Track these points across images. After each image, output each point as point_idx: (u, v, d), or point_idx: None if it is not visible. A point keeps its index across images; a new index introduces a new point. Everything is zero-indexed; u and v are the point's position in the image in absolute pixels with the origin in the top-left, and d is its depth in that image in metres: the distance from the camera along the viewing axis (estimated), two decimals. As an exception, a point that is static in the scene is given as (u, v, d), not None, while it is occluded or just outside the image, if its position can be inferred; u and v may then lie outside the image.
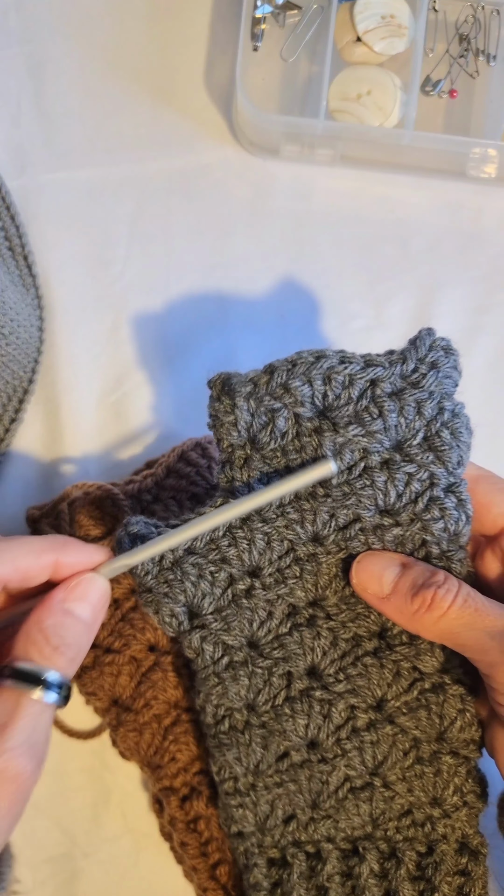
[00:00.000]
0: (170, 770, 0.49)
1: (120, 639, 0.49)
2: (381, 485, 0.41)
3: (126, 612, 0.49)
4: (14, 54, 0.62)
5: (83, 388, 0.57)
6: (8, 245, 0.58)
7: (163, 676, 0.49)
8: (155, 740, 0.49)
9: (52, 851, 0.52)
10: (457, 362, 0.43)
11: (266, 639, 0.43)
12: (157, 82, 0.62)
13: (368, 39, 0.59)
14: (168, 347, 0.59)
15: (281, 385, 0.41)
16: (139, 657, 0.49)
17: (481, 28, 0.62)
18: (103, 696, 0.49)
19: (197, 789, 0.48)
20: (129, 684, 0.49)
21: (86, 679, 0.49)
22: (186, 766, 0.49)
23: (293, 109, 0.62)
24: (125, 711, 0.49)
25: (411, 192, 0.61)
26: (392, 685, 0.43)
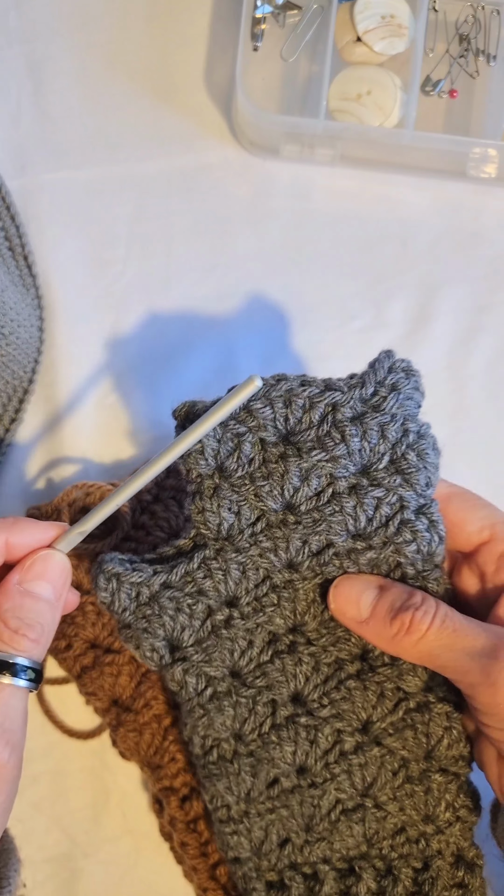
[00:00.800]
0: (170, 770, 0.49)
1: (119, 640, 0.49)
2: (351, 510, 0.41)
3: None
4: (14, 54, 0.62)
5: (83, 387, 0.57)
6: (8, 245, 0.58)
7: (161, 678, 0.48)
8: (155, 740, 0.49)
9: (52, 851, 0.52)
10: (418, 383, 0.42)
11: (248, 668, 0.43)
12: (157, 82, 0.62)
13: (368, 39, 0.59)
14: (168, 347, 0.59)
15: (244, 408, 0.41)
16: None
17: (481, 28, 0.62)
18: (103, 697, 0.49)
19: (197, 789, 0.48)
20: (129, 684, 0.49)
21: (86, 679, 0.49)
22: (186, 766, 0.49)
23: (293, 109, 0.62)
24: (125, 711, 0.49)
25: (411, 191, 0.61)
26: (377, 707, 0.43)
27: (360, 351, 0.59)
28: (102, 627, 0.49)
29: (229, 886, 0.48)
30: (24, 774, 0.53)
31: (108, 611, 0.42)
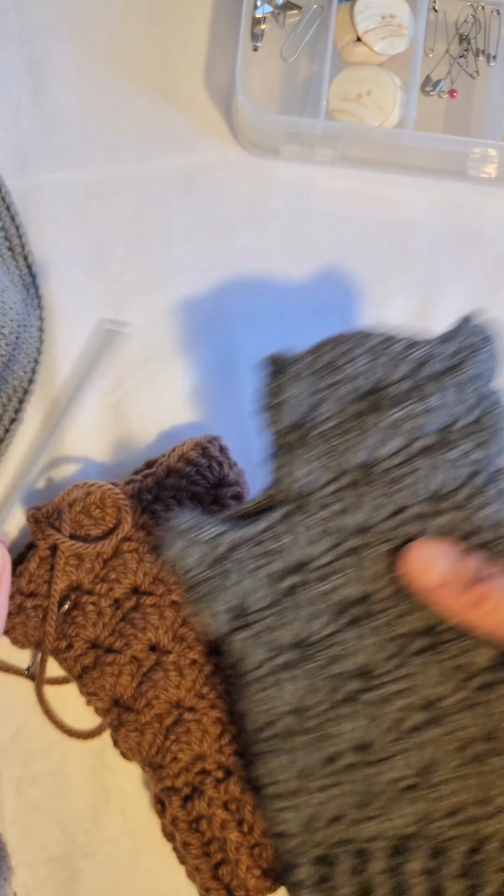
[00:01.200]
0: (171, 770, 0.49)
1: (121, 638, 0.49)
2: (425, 472, 0.39)
3: (127, 612, 0.50)
4: (14, 54, 0.62)
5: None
6: (8, 245, 0.58)
7: (164, 676, 0.49)
8: (157, 740, 0.49)
9: (51, 852, 0.52)
10: (494, 350, 0.42)
11: (312, 639, 0.42)
12: (157, 82, 0.62)
13: (368, 39, 0.59)
14: (168, 347, 0.59)
15: (327, 364, 0.40)
16: (140, 657, 0.49)
17: (481, 28, 0.62)
18: (104, 697, 0.49)
19: (199, 789, 0.48)
20: (131, 684, 0.49)
21: (86, 679, 0.49)
22: (188, 765, 0.49)
23: (293, 109, 0.62)
24: (126, 711, 0.49)
25: (411, 191, 0.61)
26: (443, 684, 0.42)
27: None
28: (103, 627, 0.49)
29: (232, 886, 0.48)
30: (23, 774, 0.53)
31: (173, 571, 0.41)
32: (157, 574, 0.50)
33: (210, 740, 0.49)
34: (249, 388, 0.58)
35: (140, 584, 0.50)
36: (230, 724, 0.49)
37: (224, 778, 0.49)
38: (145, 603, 0.49)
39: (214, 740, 0.49)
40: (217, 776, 0.49)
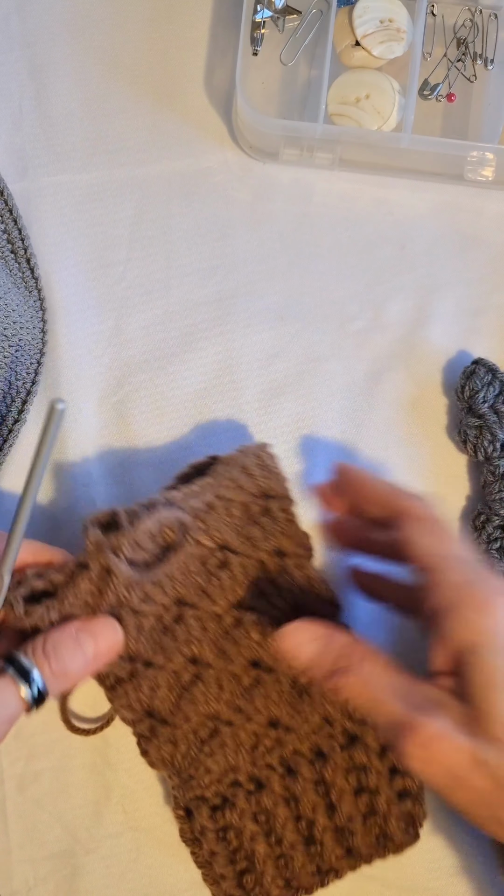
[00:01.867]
0: (203, 780, 0.48)
1: (162, 652, 0.47)
2: None
3: (168, 624, 0.47)
4: (15, 58, 0.62)
5: (85, 389, 0.58)
6: (10, 248, 0.59)
7: (204, 690, 0.48)
8: (191, 752, 0.48)
9: (53, 848, 0.53)
10: None
11: None
12: (157, 86, 0.62)
13: (367, 43, 0.59)
14: (169, 348, 0.59)
15: None
16: (180, 670, 0.48)
17: (479, 32, 0.62)
18: (138, 709, 0.48)
19: (229, 800, 0.49)
20: (169, 697, 0.47)
21: (119, 691, 0.47)
22: (220, 777, 0.49)
23: (292, 113, 0.62)
24: (161, 724, 0.48)
25: (409, 195, 0.62)
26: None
27: (358, 352, 0.60)
28: (143, 642, 0.47)
29: (255, 893, 0.49)
30: (25, 771, 0.54)
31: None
32: (202, 585, 0.48)
33: (244, 752, 0.49)
34: (249, 389, 0.59)
35: (184, 596, 0.47)
36: (265, 737, 0.49)
37: (255, 790, 0.49)
38: (188, 615, 0.47)
39: (248, 752, 0.49)
40: (248, 788, 0.49)
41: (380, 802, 0.49)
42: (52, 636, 0.43)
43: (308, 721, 0.49)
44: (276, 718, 0.49)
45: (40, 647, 0.43)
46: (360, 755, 0.49)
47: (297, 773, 0.49)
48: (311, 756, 0.50)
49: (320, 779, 0.49)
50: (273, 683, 0.49)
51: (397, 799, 0.49)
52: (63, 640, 0.43)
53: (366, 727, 0.49)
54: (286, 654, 0.44)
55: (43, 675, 0.42)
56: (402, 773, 0.49)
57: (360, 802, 0.49)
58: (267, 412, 0.58)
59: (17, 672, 0.42)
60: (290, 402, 0.59)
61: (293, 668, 0.45)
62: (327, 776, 0.49)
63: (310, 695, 0.49)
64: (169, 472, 0.57)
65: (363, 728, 0.49)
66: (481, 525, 0.55)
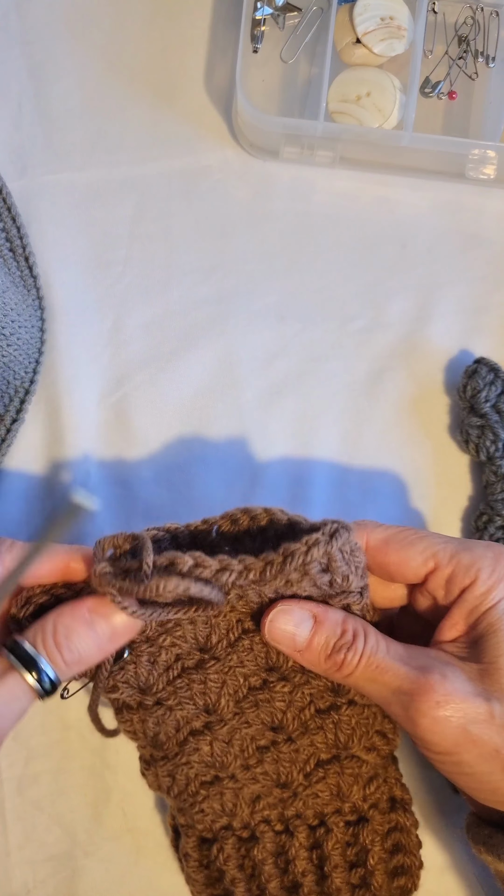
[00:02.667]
0: (195, 816, 0.48)
1: (174, 696, 0.46)
2: None
3: (187, 668, 0.46)
4: (15, 56, 0.62)
5: (84, 388, 0.58)
6: (9, 246, 0.59)
7: (210, 743, 0.46)
8: (189, 788, 0.47)
9: (52, 850, 0.53)
10: None
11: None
12: (157, 84, 0.62)
13: (368, 41, 0.59)
14: (168, 348, 0.59)
15: None
16: (190, 717, 0.46)
17: (480, 30, 0.62)
18: (142, 738, 0.47)
19: (218, 840, 0.48)
20: (175, 736, 0.46)
21: (125, 717, 0.46)
22: (214, 819, 0.48)
23: (293, 111, 0.62)
24: (162, 759, 0.47)
25: (410, 193, 0.61)
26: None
27: (359, 352, 0.59)
28: (158, 678, 0.45)
29: None
30: (24, 773, 0.54)
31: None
32: (232, 642, 0.46)
33: (243, 805, 0.48)
34: (249, 389, 0.58)
35: (210, 648, 0.46)
36: (269, 796, 0.48)
37: (248, 839, 0.48)
38: (210, 667, 0.46)
39: (248, 805, 0.48)
40: (241, 835, 0.48)
41: (375, 881, 0.47)
42: (62, 620, 0.40)
43: (318, 795, 0.48)
44: (286, 783, 0.48)
45: (50, 634, 0.40)
46: (366, 837, 0.48)
47: (293, 836, 0.48)
48: (314, 822, 0.48)
49: (317, 846, 0.48)
50: (290, 752, 0.47)
51: (393, 877, 0.48)
52: (74, 625, 0.40)
53: (377, 810, 0.48)
54: (278, 643, 0.43)
55: (55, 664, 0.40)
56: (405, 853, 0.48)
57: (353, 876, 0.48)
58: (267, 412, 0.58)
59: (23, 662, 0.39)
60: (290, 402, 0.58)
61: (286, 650, 0.44)
62: (326, 849, 0.48)
63: (327, 771, 0.47)
64: (169, 471, 0.57)
65: (374, 811, 0.48)
66: (483, 525, 0.55)
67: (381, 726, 0.47)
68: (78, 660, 0.40)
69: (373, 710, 0.47)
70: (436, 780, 0.53)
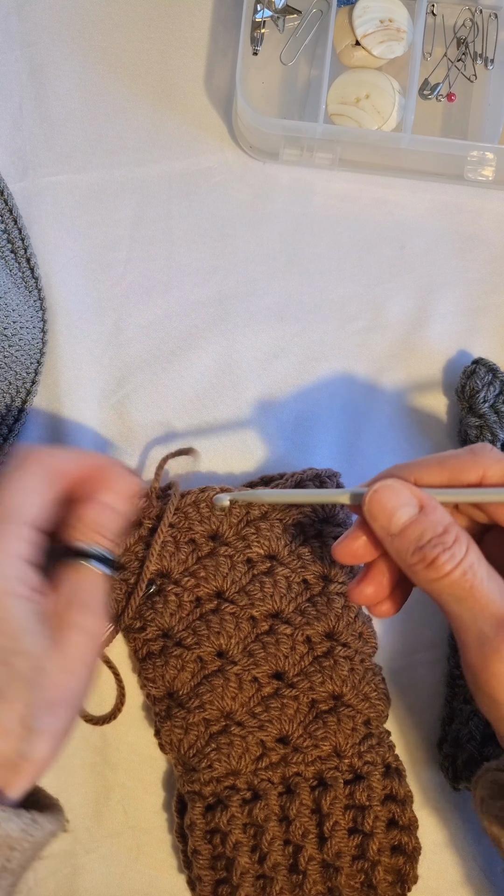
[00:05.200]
0: (203, 776, 0.49)
1: (193, 636, 0.50)
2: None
3: (206, 612, 0.50)
4: (16, 58, 0.62)
5: (85, 388, 0.58)
6: (11, 247, 0.59)
7: (224, 684, 0.49)
8: (198, 742, 0.49)
9: (53, 847, 0.52)
10: None
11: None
12: (157, 86, 0.62)
13: (367, 43, 0.60)
14: (169, 348, 0.59)
15: None
16: (206, 658, 0.50)
17: (479, 32, 0.62)
18: (161, 686, 0.50)
19: (223, 802, 0.49)
20: (190, 681, 0.50)
21: (148, 664, 0.50)
22: (220, 777, 0.49)
23: (292, 113, 0.62)
24: (178, 707, 0.50)
25: (409, 194, 0.62)
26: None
27: (358, 352, 0.60)
28: (179, 620, 0.50)
29: None
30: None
31: None
32: (244, 586, 0.51)
33: (248, 759, 0.49)
34: (249, 389, 0.59)
35: (225, 591, 0.51)
36: (271, 751, 0.49)
37: (251, 800, 0.49)
38: (225, 609, 0.50)
39: (252, 761, 0.49)
40: (244, 796, 0.49)
41: (371, 848, 0.48)
42: (88, 514, 0.43)
43: (318, 747, 0.49)
44: (287, 735, 0.49)
45: (88, 525, 0.42)
46: (362, 795, 0.49)
47: (295, 795, 0.49)
48: (313, 782, 0.49)
49: (317, 807, 0.49)
50: (291, 700, 0.49)
51: (390, 851, 0.49)
52: (96, 511, 0.43)
53: (374, 768, 0.49)
54: (374, 519, 0.40)
55: (102, 545, 0.42)
56: (401, 829, 0.49)
57: (351, 842, 0.49)
58: (267, 412, 0.58)
59: (81, 557, 0.42)
60: (290, 402, 0.59)
61: (379, 529, 0.41)
62: (324, 806, 0.49)
63: (325, 722, 0.49)
64: (169, 471, 0.57)
65: (371, 768, 0.49)
66: (481, 525, 0.55)
67: (373, 681, 0.50)
68: (112, 533, 0.43)
69: (365, 660, 0.51)
70: (433, 778, 0.53)
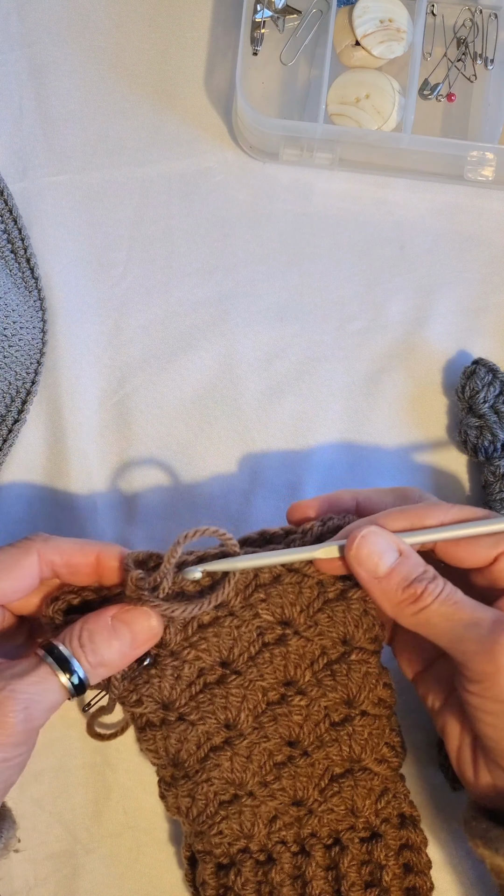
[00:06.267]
0: (213, 840, 0.48)
1: (196, 711, 0.46)
2: None
3: (209, 684, 0.47)
4: (16, 58, 0.62)
5: (85, 389, 0.58)
6: (11, 248, 0.59)
7: (231, 758, 0.47)
8: (207, 809, 0.47)
9: (53, 848, 0.53)
10: None
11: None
12: (157, 86, 0.62)
13: (367, 43, 0.60)
14: (169, 348, 0.59)
15: None
16: (212, 731, 0.47)
17: (479, 32, 0.62)
18: (163, 757, 0.47)
19: (235, 865, 0.48)
20: (196, 753, 0.47)
21: (148, 736, 0.47)
22: (232, 840, 0.48)
23: (292, 113, 0.62)
24: (183, 778, 0.47)
25: (409, 194, 0.62)
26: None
27: (358, 352, 0.60)
28: (181, 693, 0.46)
29: None
30: (25, 771, 0.53)
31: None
32: (253, 656, 0.47)
33: (261, 825, 0.48)
34: (249, 389, 0.59)
35: (232, 662, 0.47)
36: (284, 814, 0.48)
37: (265, 862, 0.48)
38: (232, 682, 0.47)
39: (265, 825, 0.48)
40: (258, 858, 0.48)
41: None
42: (87, 625, 0.43)
43: (333, 810, 0.48)
44: (302, 800, 0.48)
45: (77, 636, 0.43)
46: (380, 854, 0.48)
47: (310, 856, 0.48)
48: (329, 841, 0.48)
49: (333, 866, 0.48)
50: (306, 766, 0.48)
51: (406, 894, 0.48)
52: (98, 630, 0.43)
53: (389, 825, 0.48)
54: (360, 564, 0.43)
55: (82, 665, 0.42)
56: (416, 873, 0.48)
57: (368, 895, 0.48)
58: (267, 412, 0.58)
59: (57, 661, 0.42)
60: (290, 402, 0.59)
61: (364, 573, 0.43)
62: (342, 867, 0.48)
63: (341, 786, 0.48)
64: (169, 472, 0.57)
65: (387, 826, 0.48)
66: (481, 525, 0.55)
67: (391, 738, 0.48)
68: (101, 662, 0.43)
69: (383, 721, 0.48)
70: (433, 778, 0.53)
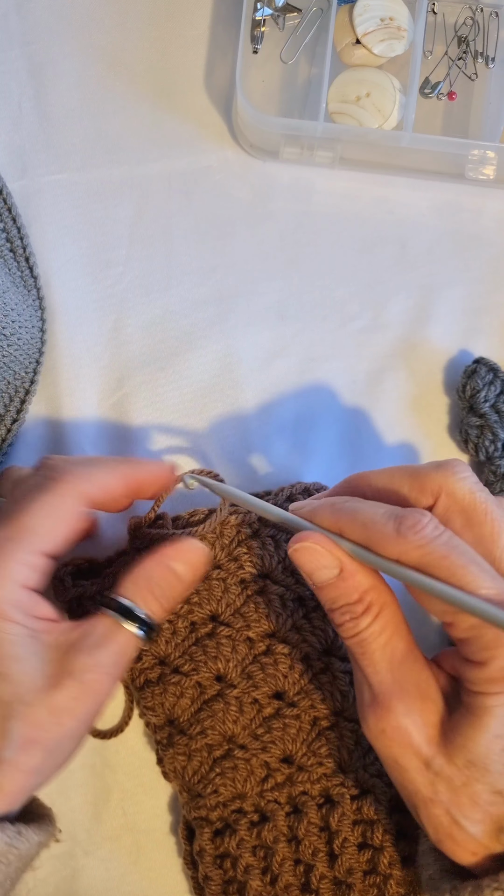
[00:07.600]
0: (209, 801, 0.49)
1: (190, 662, 0.49)
2: None
3: (201, 637, 0.50)
4: (15, 56, 0.62)
5: (85, 388, 0.58)
6: (9, 247, 0.59)
7: (224, 708, 0.49)
8: (202, 769, 0.49)
9: (52, 849, 0.52)
10: None
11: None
12: (157, 84, 0.62)
13: (368, 42, 0.59)
14: (169, 348, 0.59)
15: None
16: (205, 684, 0.49)
17: (480, 30, 0.62)
18: (161, 714, 0.49)
19: (231, 826, 0.48)
20: (190, 708, 0.49)
21: (147, 693, 0.49)
22: (227, 801, 0.49)
23: (293, 112, 0.62)
24: (179, 734, 0.49)
25: (410, 193, 0.62)
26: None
27: (359, 352, 0.60)
28: (175, 647, 0.50)
29: None
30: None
31: None
32: (239, 607, 0.50)
33: (254, 782, 0.49)
34: (249, 389, 0.59)
35: (220, 614, 0.50)
36: (276, 771, 0.49)
37: (258, 822, 0.49)
38: (221, 633, 0.50)
39: (258, 783, 0.49)
40: (252, 819, 0.49)
41: (382, 861, 0.48)
42: (146, 570, 0.44)
43: (323, 764, 0.49)
44: (291, 755, 0.49)
45: (145, 589, 0.43)
46: (370, 809, 0.48)
47: (302, 814, 0.48)
48: (320, 800, 0.49)
49: (325, 825, 0.48)
50: (293, 719, 0.49)
51: (401, 863, 0.48)
52: (160, 573, 0.44)
53: (379, 781, 0.48)
54: (300, 567, 0.42)
55: (152, 610, 0.43)
56: (411, 839, 0.48)
57: (362, 857, 0.48)
58: (267, 412, 0.58)
59: (124, 615, 0.42)
60: (290, 402, 0.58)
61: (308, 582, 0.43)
62: (333, 823, 0.48)
63: (328, 739, 0.49)
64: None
65: (377, 781, 0.48)
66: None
67: None
68: (171, 603, 0.44)
69: None
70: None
